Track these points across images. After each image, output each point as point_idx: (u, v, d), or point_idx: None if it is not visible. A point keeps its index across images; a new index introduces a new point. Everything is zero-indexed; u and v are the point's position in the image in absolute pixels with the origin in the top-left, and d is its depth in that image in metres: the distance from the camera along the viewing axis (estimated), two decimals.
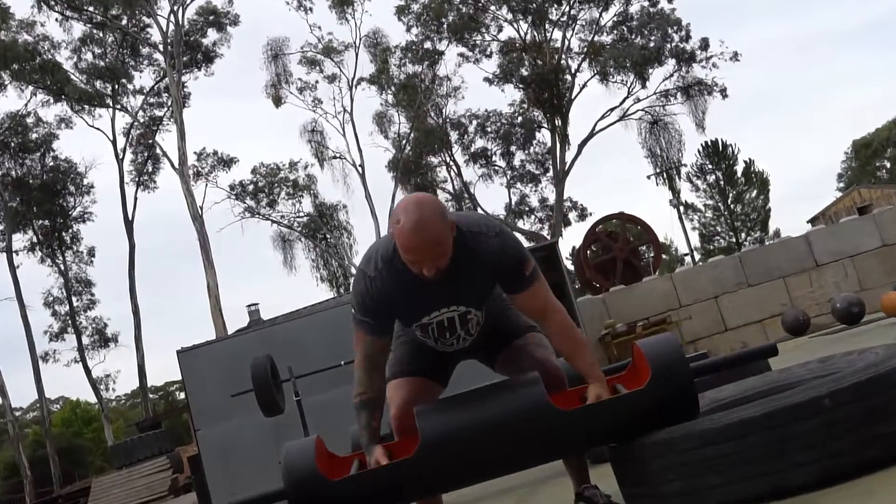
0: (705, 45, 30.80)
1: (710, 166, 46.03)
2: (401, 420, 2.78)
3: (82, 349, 32.55)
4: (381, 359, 2.76)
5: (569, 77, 31.46)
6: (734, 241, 44.82)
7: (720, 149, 45.47)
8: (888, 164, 56.72)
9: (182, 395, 34.49)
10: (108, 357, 40.99)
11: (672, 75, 31.15)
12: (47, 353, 32.42)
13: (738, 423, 2.41)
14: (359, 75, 32.49)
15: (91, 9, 30.85)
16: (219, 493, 9.72)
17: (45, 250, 32.87)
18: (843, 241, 14.06)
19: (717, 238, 46.78)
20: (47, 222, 32.90)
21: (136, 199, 32.74)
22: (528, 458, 2.72)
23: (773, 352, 3.12)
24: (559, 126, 31.05)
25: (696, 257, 41.32)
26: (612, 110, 31.40)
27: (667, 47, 30.77)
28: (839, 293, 12.46)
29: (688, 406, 2.62)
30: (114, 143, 32.65)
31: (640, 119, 32.18)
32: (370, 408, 2.72)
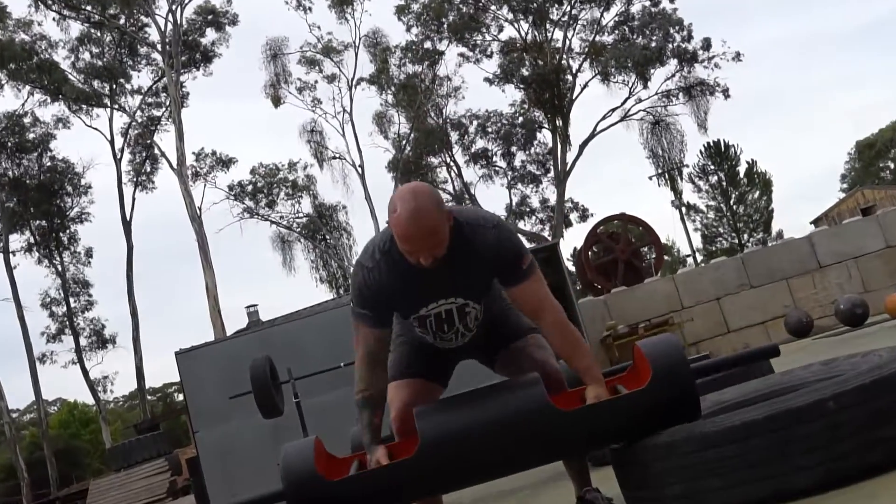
0: (707, 45, 30.94)
1: (712, 167, 45.98)
2: (401, 422, 2.78)
3: (80, 350, 32.49)
4: (382, 353, 2.74)
5: (570, 77, 31.52)
6: (736, 242, 44.78)
7: (722, 149, 45.43)
8: (892, 164, 56.79)
9: (180, 397, 34.38)
10: (106, 358, 40.97)
11: (674, 75, 31.33)
12: (44, 355, 32.33)
13: (740, 426, 2.40)
14: (358, 75, 32.66)
15: (89, 8, 30.84)
16: (217, 495, 9.69)
17: (42, 251, 32.76)
18: (847, 242, 14.03)
19: (720, 239, 46.74)
20: (44, 223, 32.80)
21: (134, 199, 32.71)
22: (529, 458, 2.71)
23: (774, 352, 3.07)
24: (560, 126, 31.07)
25: (699, 258, 41.41)
26: (613, 111, 31.55)
27: (668, 47, 30.84)
28: (843, 295, 12.43)
29: (689, 407, 2.60)
30: (112, 143, 32.67)
31: (641, 119, 32.32)
32: (372, 405, 2.70)
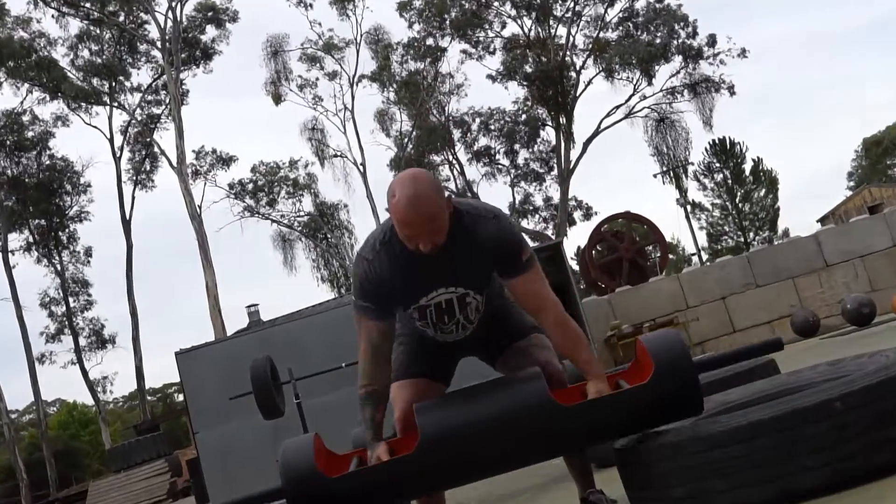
0: (712, 41, 30.84)
1: (717, 165, 45.94)
2: (405, 423, 2.78)
3: (79, 351, 32.46)
4: (386, 346, 2.74)
5: (574, 74, 31.45)
6: (742, 240, 44.79)
7: (728, 147, 45.36)
8: None
9: (180, 398, 34.35)
10: (106, 359, 41.16)
11: (679, 72, 31.27)
12: (43, 355, 32.24)
13: (746, 426, 2.41)
14: (360, 72, 32.66)
15: (88, 5, 30.81)
16: (217, 496, 9.66)
17: (41, 250, 32.72)
18: (854, 240, 14.05)
19: (725, 238, 46.74)
20: (43, 222, 32.74)
21: (133, 198, 32.70)
22: (530, 454, 2.70)
23: (777, 346, 3.06)
24: (564, 124, 30.99)
25: (704, 257, 41.48)
26: (617, 108, 31.47)
27: (673, 44, 30.75)
28: (849, 294, 12.45)
29: (691, 401, 2.59)
30: (111, 141, 32.67)
31: (646, 117, 32.26)
32: (375, 401, 2.70)
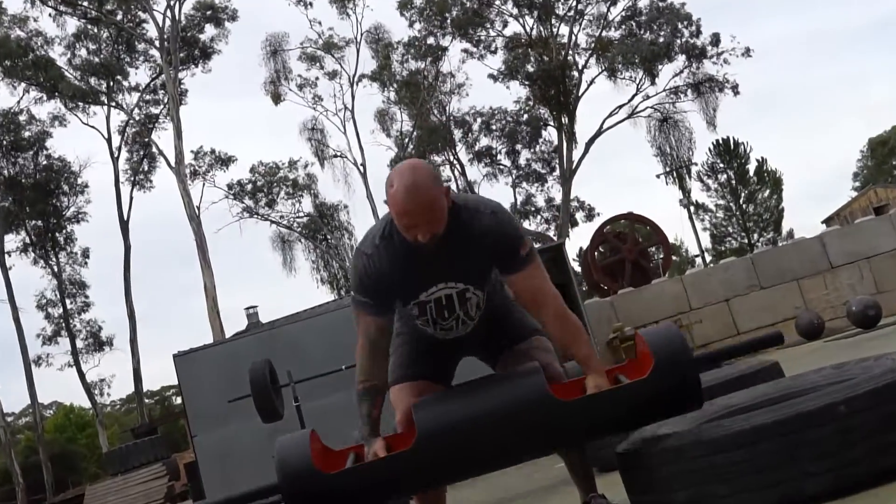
0: (716, 40, 30.85)
1: (721, 165, 45.91)
2: (406, 425, 2.78)
3: (76, 353, 32.18)
4: (384, 342, 2.75)
5: (576, 73, 31.43)
6: (746, 242, 44.75)
7: (732, 147, 45.31)
8: None
9: (178, 401, 34.15)
10: (103, 361, 41.11)
11: (682, 71, 31.27)
12: (40, 357, 31.93)
13: (749, 430, 2.41)
14: (360, 72, 32.56)
15: (85, 4, 30.64)
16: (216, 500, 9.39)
17: (38, 251, 32.46)
18: (859, 242, 14.06)
19: (729, 239, 46.71)
20: (40, 223, 32.47)
21: (131, 198, 32.35)
22: (528, 450, 2.72)
23: (778, 340, 3.03)
24: (566, 124, 30.97)
25: (707, 259, 41.48)
26: (620, 108, 31.45)
27: (677, 43, 30.75)
28: (854, 296, 12.47)
29: (691, 396, 2.59)
30: (109, 141, 32.38)
31: (649, 117, 32.25)
32: (372, 396, 2.70)
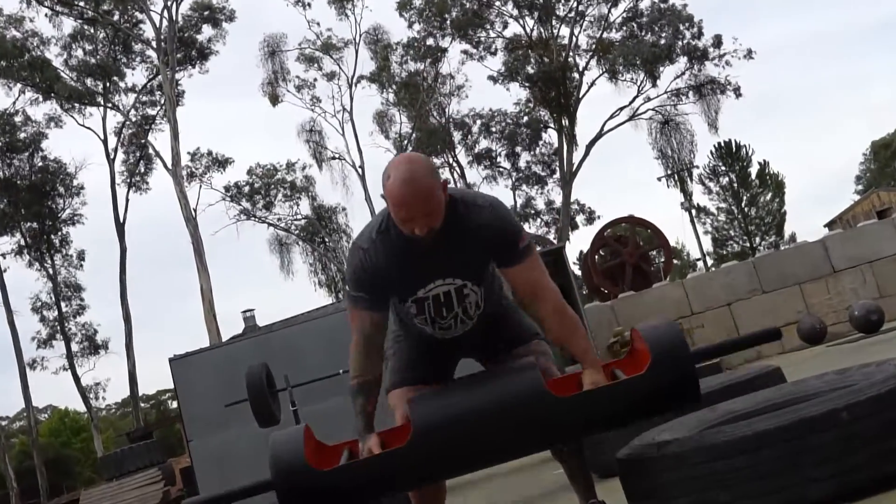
0: (718, 42, 30.80)
1: (723, 168, 46.01)
2: (403, 422, 2.76)
3: (71, 356, 32.06)
4: (378, 338, 2.75)
5: (576, 75, 31.32)
6: (748, 245, 44.83)
7: (734, 150, 45.40)
8: None
9: (174, 405, 34.04)
10: (98, 364, 41.01)
11: (684, 73, 31.20)
12: (35, 361, 31.85)
13: (751, 436, 2.41)
14: (359, 73, 32.46)
15: (82, 4, 30.50)
16: None
17: (33, 254, 32.32)
18: (862, 246, 13.95)
19: (731, 242, 46.75)
20: (35, 224, 32.33)
21: (127, 200, 32.22)
22: (524, 445, 2.70)
23: (775, 335, 2.98)
24: (566, 126, 30.86)
25: (709, 262, 41.36)
26: (621, 110, 31.34)
27: (678, 44, 30.67)
28: (857, 300, 12.43)
29: (689, 392, 2.58)
30: (105, 142, 32.27)
31: (650, 119, 32.19)
32: (366, 392, 2.70)
